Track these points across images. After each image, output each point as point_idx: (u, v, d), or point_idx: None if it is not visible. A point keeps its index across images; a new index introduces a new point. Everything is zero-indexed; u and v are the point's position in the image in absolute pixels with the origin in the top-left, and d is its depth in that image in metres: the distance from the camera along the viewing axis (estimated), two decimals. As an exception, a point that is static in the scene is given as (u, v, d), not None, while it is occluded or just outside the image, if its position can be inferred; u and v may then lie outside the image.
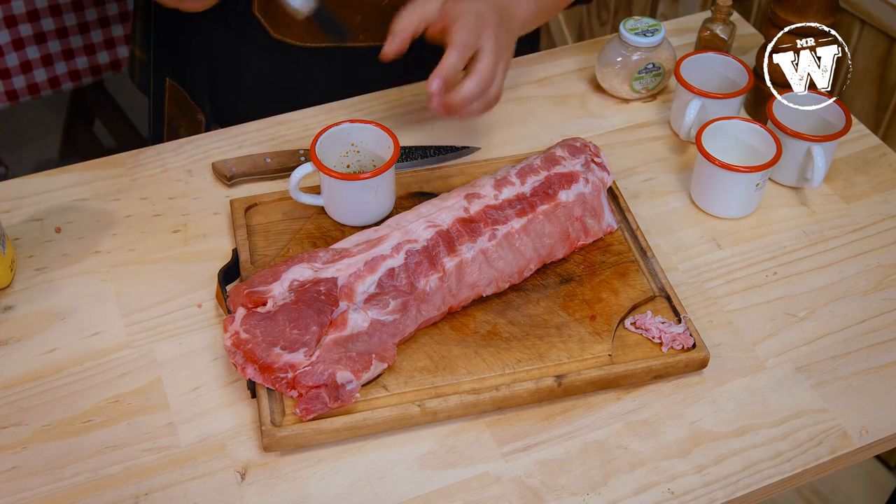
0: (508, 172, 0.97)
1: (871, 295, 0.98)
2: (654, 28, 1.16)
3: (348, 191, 0.97)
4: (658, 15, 2.09)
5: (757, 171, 1.01)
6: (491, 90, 0.99)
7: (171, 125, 1.26)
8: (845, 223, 1.06)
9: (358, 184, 0.95)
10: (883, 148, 1.16)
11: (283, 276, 0.88)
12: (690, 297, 0.96)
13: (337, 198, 0.98)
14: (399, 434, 0.84)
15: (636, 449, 0.84)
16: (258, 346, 0.83)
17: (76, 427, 0.83)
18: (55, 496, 0.79)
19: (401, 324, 0.86)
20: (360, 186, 0.96)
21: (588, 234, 0.97)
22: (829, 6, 1.09)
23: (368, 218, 0.99)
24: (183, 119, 1.24)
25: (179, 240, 1.00)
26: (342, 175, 0.95)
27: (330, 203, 0.99)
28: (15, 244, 0.99)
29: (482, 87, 0.97)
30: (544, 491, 0.80)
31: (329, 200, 0.99)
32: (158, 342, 0.90)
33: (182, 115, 1.24)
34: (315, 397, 0.80)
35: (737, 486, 0.81)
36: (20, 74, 1.77)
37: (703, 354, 0.88)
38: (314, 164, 0.96)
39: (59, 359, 0.89)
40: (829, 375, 0.90)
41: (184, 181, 1.07)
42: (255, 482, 0.80)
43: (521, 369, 0.86)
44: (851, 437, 0.86)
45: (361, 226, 0.98)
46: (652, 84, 1.19)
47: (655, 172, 1.11)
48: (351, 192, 0.97)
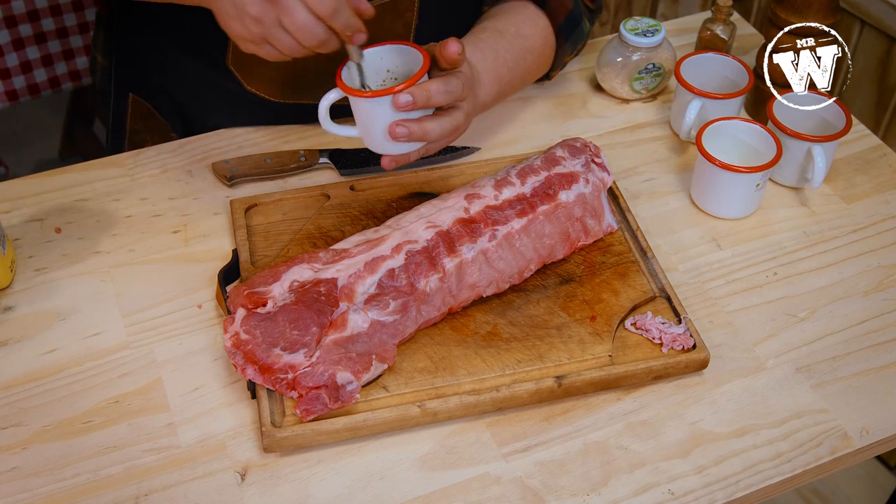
0: (508, 173, 0.97)
1: (872, 295, 0.98)
2: (654, 28, 1.16)
3: (381, 110, 0.88)
4: (658, 15, 2.09)
5: (757, 172, 1.01)
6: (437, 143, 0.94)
7: (135, 140, 1.21)
8: (846, 223, 1.06)
9: (384, 101, 0.87)
10: (883, 148, 1.16)
11: (283, 276, 0.88)
12: (691, 297, 0.96)
13: (371, 122, 0.90)
14: (399, 435, 0.84)
15: (636, 449, 0.84)
16: (258, 346, 0.83)
17: (76, 427, 0.83)
18: (55, 497, 0.79)
19: (401, 324, 0.86)
20: (387, 104, 0.87)
21: (588, 234, 0.97)
22: (829, 6, 1.09)
23: (406, 146, 0.91)
24: (150, 134, 1.19)
25: (179, 240, 1.00)
26: (372, 92, 0.88)
27: (365, 131, 0.91)
28: (15, 244, 0.99)
29: (449, 130, 0.92)
30: (544, 491, 0.80)
31: (363, 128, 0.91)
32: (158, 342, 0.90)
33: (148, 129, 1.19)
34: (315, 398, 0.80)
35: (737, 486, 0.81)
36: (20, 74, 1.77)
37: (704, 355, 0.88)
38: (339, 87, 0.89)
39: (59, 359, 0.89)
40: (830, 376, 0.90)
41: (184, 181, 1.07)
42: (255, 483, 0.80)
43: (522, 370, 0.86)
44: (852, 437, 0.86)
45: (398, 155, 0.91)
46: (652, 84, 1.19)
47: (655, 173, 1.11)
48: (384, 111, 0.88)
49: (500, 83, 1.06)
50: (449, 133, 0.92)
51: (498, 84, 1.05)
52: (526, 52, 1.09)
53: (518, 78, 1.10)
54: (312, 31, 0.82)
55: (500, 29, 1.06)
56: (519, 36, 1.08)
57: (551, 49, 1.12)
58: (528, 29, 1.09)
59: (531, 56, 1.10)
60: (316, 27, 0.82)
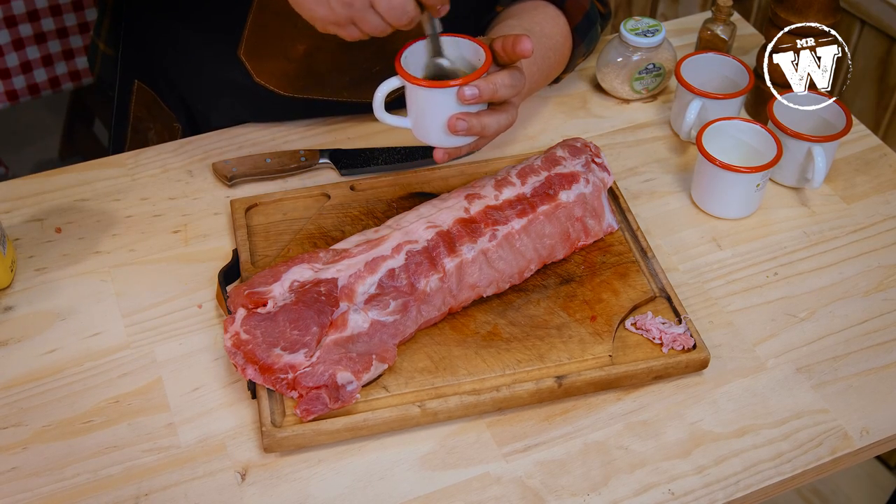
0: (509, 173, 0.97)
1: (872, 295, 0.98)
2: (654, 28, 1.16)
3: (443, 101, 0.87)
4: (658, 15, 2.09)
5: (757, 172, 1.01)
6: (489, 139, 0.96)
7: (138, 127, 1.21)
8: (846, 223, 1.06)
9: (450, 92, 0.86)
10: (883, 148, 1.16)
11: (283, 276, 0.88)
12: (691, 297, 0.96)
13: (430, 114, 0.89)
14: (399, 435, 0.84)
15: (636, 449, 0.84)
16: (258, 346, 0.83)
17: (76, 427, 0.83)
18: (55, 497, 0.79)
19: (401, 324, 0.86)
20: (451, 96, 0.87)
21: (588, 234, 0.97)
22: (829, 6, 1.09)
23: (460, 139, 0.90)
24: (154, 122, 1.19)
25: (180, 240, 1.00)
26: (436, 83, 0.86)
27: (420, 122, 0.91)
28: (15, 244, 0.99)
29: (504, 126, 0.94)
30: (545, 491, 0.80)
31: (419, 119, 0.90)
32: (159, 342, 0.90)
33: (152, 118, 1.20)
34: (315, 398, 0.80)
35: (737, 486, 0.81)
36: (20, 74, 1.77)
37: (704, 355, 0.88)
38: (400, 76, 0.87)
39: (60, 359, 0.89)
40: (830, 376, 0.90)
41: (184, 181, 1.07)
42: (255, 483, 0.80)
43: (522, 370, 0.86)
44: (852, 437, 0.86)
45: (451, 148, 0.91)
46: (652, 84, 1.19)
47: (656, 173, 1.11)
48: (446, 102, 0.87)
49: (530, 81, 1.06)
50: (504, 128, 0.93)
51: (529, 82, 1.06)
52: (549, 51, 1.09)
53: (543, 76, 1.11)
54: (405, 9, 0.82)
55: (527, 27, 1.06)
56: (544, 35, 1.08)
57: (569, 49, 1.13)
58: (551, 28, 1.09)
59: (554, 55, 1.10)
60: (408, 4, 0.82)
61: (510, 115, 0.93)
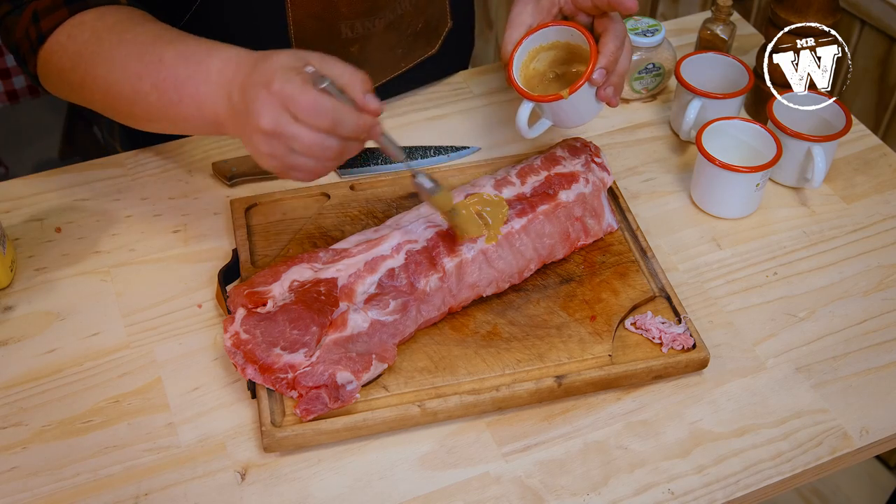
0: (508, 172, 0.97)
1: (872, 295, 0.98)
2: (654, 28, 1.16)
3: (580, 98, 0.94)
4: (658, 15, 2.09)
5: (757, 172, 1.01)
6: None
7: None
8: (845, 223, 1.06)
9: (584, 88, 0.93)
10: (883, 148, 1.16)
11: (283, 276, 0.88)
12: (690, 297, 0.96)
13: (572, 111, 0.97)
14: (399, 434, 0.84)
15: (636, 449, 0.84)
16: (258, 346, 0.83)
17: (76, 427, 0.83)
18: (55, 496, 0.79)
19: (401, 324, 0.86)
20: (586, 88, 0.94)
21: (588, 234, 0.97)
22: (829, 6, 1.09)
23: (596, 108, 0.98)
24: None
25: (179, 240, 1.00)
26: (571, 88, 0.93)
27: (566, 117, 0.99)
28: (15, 244, 0.99)
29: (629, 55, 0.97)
30: (544, 491, 0.80)
31: (564, 117, 0.99)
32: (158, 342, 0.90)
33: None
34: (315, 398, 0.80)
35: (737, 486, 0.81)
36: (20, 74, 1.77)
37: (704, 355, 0.88)
38: (532, 100, 0.96)
39: (59, 359, 0.89)
40: (830, 376, 0.90)
41: (184, 181, 1.07)
42: (255, 482, 0.80)
43: (522, 370, 0.86)
44: (852, 437, 0.86)
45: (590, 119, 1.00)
46: (652, 84, 1.19)
47: (655, 172, 1.11)
48: (582, 97, 0.94)
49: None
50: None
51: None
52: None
53: None
54: (325, 146, 0.81)
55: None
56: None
57: None
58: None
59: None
60: (326, 141, 0.81)
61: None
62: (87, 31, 0.89)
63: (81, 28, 0.90)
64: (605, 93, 0.95)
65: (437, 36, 1.18)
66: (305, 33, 1.05)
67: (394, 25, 1.10)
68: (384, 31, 1.10)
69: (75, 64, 0.90)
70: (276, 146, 0.81)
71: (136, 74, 0.87)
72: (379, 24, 1.08)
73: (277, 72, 0.79)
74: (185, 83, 0.85)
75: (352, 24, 1.07)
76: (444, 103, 1.19)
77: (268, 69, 0.80)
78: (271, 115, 0.79)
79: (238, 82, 0.82)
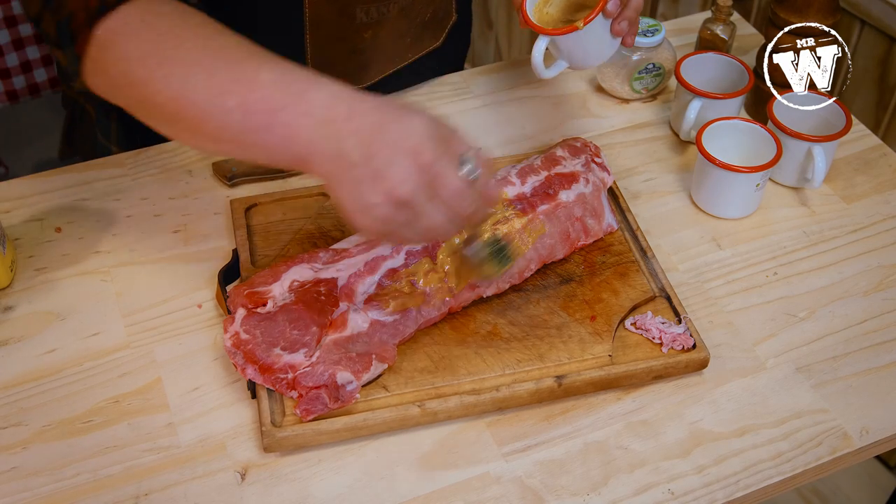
0: (509, 172, 0.97)
1: (872, 295, 0.98)
2: (654, 28, 1.16)
3: (593, 31, 0.94)
4: (658, 15, 2.09)
5: (757, 172, 1.01)
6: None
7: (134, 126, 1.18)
8: (845, 223, 1.06)
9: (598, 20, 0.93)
10: (883, 148, 1.16)
11: (283, 276, 0.88)
12: (690, 297, 0.96)
13: (588, 47, 0.97)
14: (399, 434, 0.84)
15: (636, 449, 0.84)
16: (258, 346, 0.83)
17: (76, 427, 0.83)
18: (55, 496, 0.79)
19: (401, 324, 0.86)
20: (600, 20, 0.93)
21: (588, 234, 0.97)
22: (829, 6, 1.09)
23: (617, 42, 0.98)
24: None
25: (179, 240, 1.00)
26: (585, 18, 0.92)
27: (583, 54, 0.98)
28: (15, 244, 0.99)
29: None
30: (544, 491, 0.80)
31: (577, 56, 0.98)
32: (158, 342, 0.90)
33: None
34: (315, 398, 0.80)
35: (737, 486, 0.81)
36: (20, 74, 1.77)
37: (704, 355, 0.88)
38: (546, 33, 0.94)
39: (59, 359, 0.89)
40: (830, 376, 0.90)
41: (184, 181, 1.07)
42: (255, 482, 0.80)
43: (522, 370, 0.86)
44: (852, 437, 0.86)
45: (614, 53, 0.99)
46: (652, 84, 1.19)
47: (655, 172, 1.11)
48: (596, 29, 0.94)
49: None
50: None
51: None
52: None
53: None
54: (444, 230, 0.76)
55: None
56: None
57: None
58: None
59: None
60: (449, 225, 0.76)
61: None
62: (166, 22, 0.79)
63: (160, 18, 0.79)
64: (619, 27, 0.94)
65: (442, 29, 1.19)
66: (321, 16, 1.04)
67: (405, 12, 1.10)
68: (397, 18, 1.10)
69: (146, 55, 0.77)
70: (397, 215, 0.74)
71: (222, 88, 0.76)
72: (393, 8, 1.08)
73: (426, 142, 0.72)
74: (279, 111, 0.74)
75: (367, 7, 1.06)
76: (445, 103, 1.19)
77: (412, 134, 0.72)
78: (411, 187, 0.72)
79: (353, 129, 0.73)
